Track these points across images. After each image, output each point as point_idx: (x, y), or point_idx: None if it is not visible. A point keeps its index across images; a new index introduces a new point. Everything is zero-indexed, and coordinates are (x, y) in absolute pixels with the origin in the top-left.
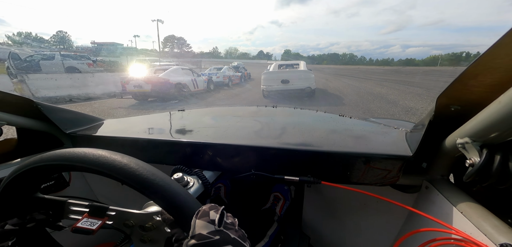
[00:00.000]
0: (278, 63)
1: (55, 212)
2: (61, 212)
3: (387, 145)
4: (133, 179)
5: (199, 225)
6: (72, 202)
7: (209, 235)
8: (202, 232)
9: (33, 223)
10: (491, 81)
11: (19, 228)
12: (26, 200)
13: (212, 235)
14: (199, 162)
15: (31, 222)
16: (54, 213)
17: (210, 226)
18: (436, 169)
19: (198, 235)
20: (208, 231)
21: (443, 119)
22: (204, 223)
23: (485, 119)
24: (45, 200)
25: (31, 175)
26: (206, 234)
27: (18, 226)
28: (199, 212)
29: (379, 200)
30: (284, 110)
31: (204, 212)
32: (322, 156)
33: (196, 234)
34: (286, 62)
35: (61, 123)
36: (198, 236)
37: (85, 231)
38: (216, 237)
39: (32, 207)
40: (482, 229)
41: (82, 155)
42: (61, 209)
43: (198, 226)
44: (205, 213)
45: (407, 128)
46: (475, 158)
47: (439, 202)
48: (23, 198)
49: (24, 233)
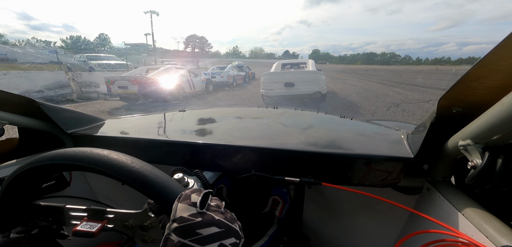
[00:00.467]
0: (281, 62)
1: (56, 218)
2: (62, 218)
3: (388, 147)
4: (114, 169)
5: (181, 208)
6: (70, 208)
7: (190, 218)
8: (183, 215)
9: (37, 230)
10: (493, 83)
11: (25, 235)
12: (27, 204)
13: (193, 218)
14: (200, 162)
15: (34, 228)
16: (56, 219)
17: (192, 208)
18: (438, 171)
19: (179, 218)
20: (190, 213)
21: (444, 121)
22: (185, 206)
23: (487, 121)
24: (45, 207)
25: (33, 174)
26: (187, 216)
27: (23, 233)
28: (181, 196)
29: (380, 201)
30: (285, 111)
31: (185, 195)
32: (323, 157)
33: (177, 217)
34: (291, 61)
35: (62, 123)
36: (179, 219)
37: (85, 234)
38: (198, 219)
39: (33, 214)
40: (483, 231)
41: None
42: (61, 215)
43: (179, 209)
44: (186, 197)
45: (409, 130)
46: (477, 160)
47: (440, 204)
48: (25, 199)
49: (31, 241)
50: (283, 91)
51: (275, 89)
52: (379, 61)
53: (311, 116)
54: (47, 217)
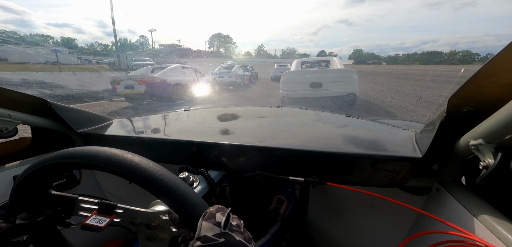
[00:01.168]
0: (300, 60)
1: (66, 208)
2: (72, 209)
3: (395, 146)
4: (143, 178)
5: (205, 227)
6: (82, 199)
7: (214, 238)
8: (208, 234)
9: (42, 217)
10: (506, 81)
11: (30, 222)
12: (39, 196)
13: (217, 238)
14: (205, 161)
15: (40, 216)
16: (64, 209)
17: (216, 228)
18: (448, 171)
19: (204, 237)
20: (214, 234)
21: (455, 121)
22: (210, 225)
23: (500, 120)
24: (57, 197)
25: (45, 172)
26: (211, 236)
27: (28, 220)
28: (206, 213)
29: (386, 202)
30: (290, 110)
31: (210, 214)
32: (328, 157)
33: (202, 236)
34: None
35: (72, 122)
36: (204, 238)
37: (93, 228)
38: (221, 240)
39: (44, 202)
40: (496, 233)
41: (95, 153)
42: (71, 206)
43: (204, 228)
44: (211, 215)
45: (417, 129)
46: (489, 160)
47: (450, 205)
48: (36, 194)
49: (36, 229)
50: (309, 92)
51: (299, 90)
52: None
53: (315, 115)
54: (56, 206)
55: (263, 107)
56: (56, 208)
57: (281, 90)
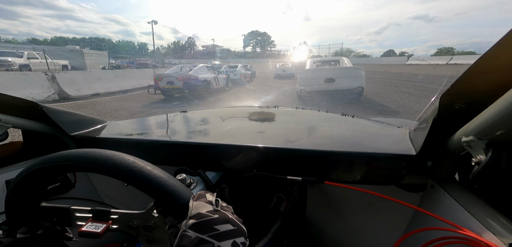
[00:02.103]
0: (313, 59)
1: (61, 219)
2: (68, 219)
3: (390, 144)
4: (124, 172)
5: (197, 206)
6: (75, 209)
7: (208, 214)
8: (201, 211)
9: (42, 230)
10: (496, 79)
11: (31, 236)
12: (33, 205)
13: (211, 214)
14: (202, 162)
15: (39, 229)
16: (60, 220)
17: (208, 206)
18: (442, 167)
19: (197, 214)
20: (207, 210)
21: (447, 118)
22: (202, 203)
23: (490, 117)
24: (50, 209)
25: (38, 175)
26: (205, 213)
27: (29, 234)
28: (195, 196)
29: (383, 199)
30: (286, 110)
31: (200, 194)
32: (325, 156)
33: (195, 214)
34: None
35: (65, 125)
36: (197, 215)
37: (91, 234)
38: (215, 216)
39: (39, 214)
40: (490, 228)
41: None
42: (67, 216)
43: (196, 206)
44: (201, 196)
45: (411, 127)
46: (481, 156)
47: (445, 201)
48: (31, 201)
49: (37, 242)
50: (323, 86)
51: (314, 85)
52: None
53: (312, 115)
54: (51, 217)
55: (260, 107)
56: (52, 219)
57: (298, 85)
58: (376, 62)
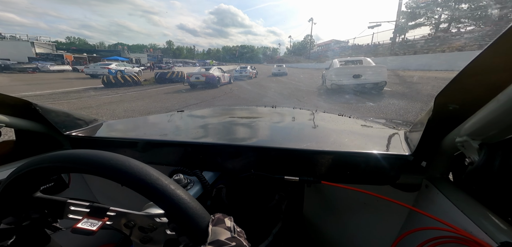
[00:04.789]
0: (339, 60)
1: (54, 212)
2: (61, 212)
3: (386, 144)
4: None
5: (216, 231)
6: (72, 202)
7: (226, 241)
8: (220, 238)
9: (28, 222)
10: (489, 80)
11: (15, 226)
12: (24, 201)
13: (229, 242)
14: (199, 162)
15: (26, 220)
16: (52, 212)
17: (227, 232)
18: (436, 167)
19: (217, 241)
20: (226, 237)
21: (442, 119)
22: (221, 229)
23: (483, 117)
24: (45, 200)
25: (30, 177)
26: (224, 240)
27: (14, 224)
28: (214, 219)
29: (379, 199)
30: (283, 110)
31: (219, 219)
32: (322, 156)
33: (214, 240)
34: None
35: (59, 125)
36: (217, 242)
37: (85, 231)
38: (233, 244)
39: (31, 206)
40: (482, 227)
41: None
42: (61, 209)
43: (214, 232)
44: (220, 221)
45: (406, 128)
46: (474, 156)
47: (439, 201)
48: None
49: (23, 233)
50: (352, 81)
51: (344, 80)
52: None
53: (309, 115)
54: (43, 209)
55: (257, 107)
56: (43, 211)
57: (329, 80)
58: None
